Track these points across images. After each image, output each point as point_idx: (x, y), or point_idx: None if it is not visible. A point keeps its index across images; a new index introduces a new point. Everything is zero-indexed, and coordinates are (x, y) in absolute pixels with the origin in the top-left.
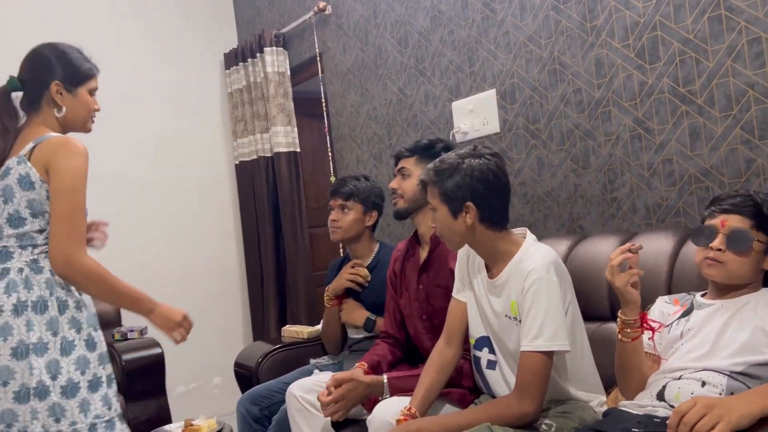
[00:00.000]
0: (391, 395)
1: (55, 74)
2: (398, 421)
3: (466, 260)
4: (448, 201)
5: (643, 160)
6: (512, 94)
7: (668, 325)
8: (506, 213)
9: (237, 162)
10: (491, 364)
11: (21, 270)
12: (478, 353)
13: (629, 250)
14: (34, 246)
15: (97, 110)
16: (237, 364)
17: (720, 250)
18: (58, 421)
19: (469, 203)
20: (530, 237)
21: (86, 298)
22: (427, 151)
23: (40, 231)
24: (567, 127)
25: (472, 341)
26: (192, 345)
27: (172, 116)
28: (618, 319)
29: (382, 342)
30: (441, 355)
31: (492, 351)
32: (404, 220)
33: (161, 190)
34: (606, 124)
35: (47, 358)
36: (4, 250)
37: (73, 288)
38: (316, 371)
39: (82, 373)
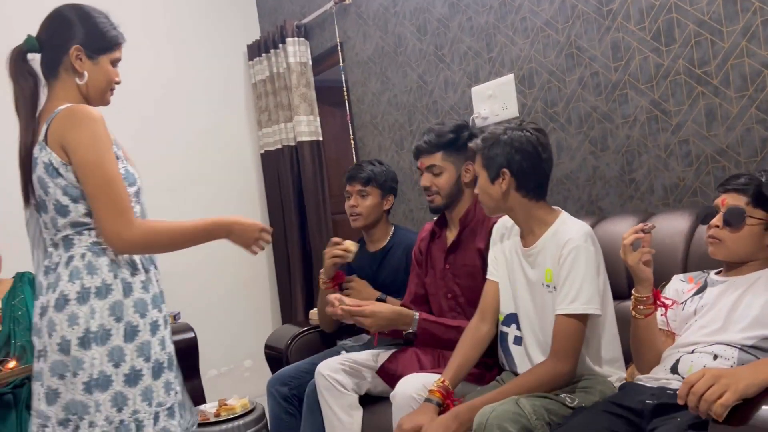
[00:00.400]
0: (417, 334)
1: (76, 38)
2: (431, 391)
3: (499, 240)
4: (488, 167)
5: (660, 141)
6: (530, 78)
7: (682, 303)
8: (543, 185)
9: (262, 151)
10: (517, 340)
11: (83, 255)
12: (505, 329)
13: (642, 230)
14: (90, 229)
15: (118, 82)
16: (267, 347)
17: (718, 227)
18: (120, 410)
19: (505, 170)
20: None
21: (153, 276)
22: (453, 144)
23: (87, 214)
24: (585, 110)
25: (501, 317)
26: (223, 329)
27: (198, 109)
28: (632, 297)
29: None
30: (475, 333)
31: (519, 328)
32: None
33: (191, 181)
34: (623, 106)
35: (109, 345)
36: (66, 239)
37: (140, 267)
38: (343, 352)
39: (146, 360)
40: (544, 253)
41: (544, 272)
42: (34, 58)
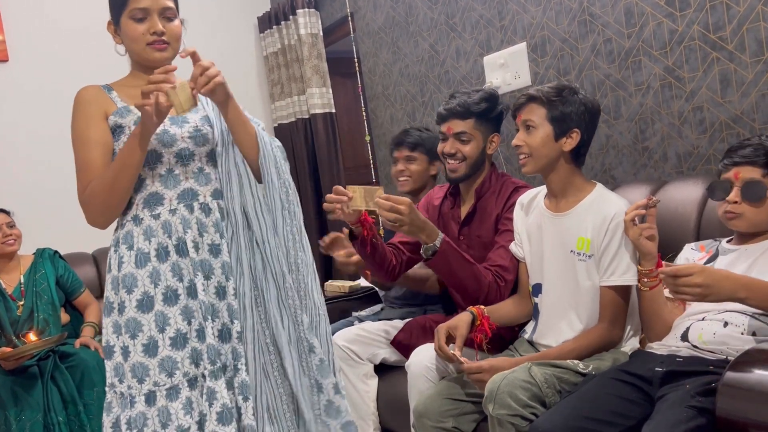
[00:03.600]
0: (437, 253)
1: (111, 15)
2: (469, 308)
3: (523, 213)
4: (557, 122)
5: (674, 108)
6: (543, 46)
7: None
8: (586, 154)
9: (276, 125)
10: (539, 307)
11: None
12: (535, 299)
13: (646, 205)
14: None
15: (154, 33)
16: None
17: (736, 202)
18: (121, 381)
19: (576, 130)
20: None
21: (157, 248)
22: (485, 114)
23: None
24: (598, 78)
25: (530, 288)
26: None
27: None
28: (637, 270)
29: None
30: (518, 305)
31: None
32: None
33: None
34: (636, 73)
35: (112, 318)
36: None
37: (136, 241)
38: (357, 322)
39: (132, 337)
40: (579, 221)
41: (575, 240)
42: None
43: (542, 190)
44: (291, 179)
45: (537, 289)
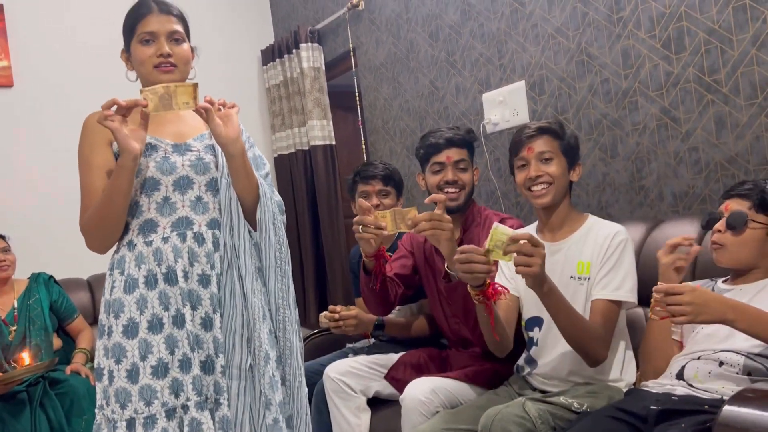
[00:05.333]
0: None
1: (124, 43)
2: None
3: None
4: (568, 155)
5: (670, 148)
6: (541, 85)
7: None
8: None
9: (276, 155)
10: (537, 341)
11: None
12: (530, 333)
13: (690, 244)
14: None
15: (160, 55)
16: None
17: (720, 231)
18: (108, 404)
19: (580, 162)
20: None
21: (142, 274)
22: (472, 145)
23: None
24: (595, 117)
25: (523, 323)
26: None
27: None
28: (652, 298)
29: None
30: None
31: (540, 329)
32: None
33: None
34: (633, 113)
35: (102, 341)
36: None
37: (127, 267)
38: (351, 354)
39: (117, 362)
40: (579, 247)
41: (575, 265)
42: None
43: (530, 228)
44: (285, 235)
45: (534, 322)
